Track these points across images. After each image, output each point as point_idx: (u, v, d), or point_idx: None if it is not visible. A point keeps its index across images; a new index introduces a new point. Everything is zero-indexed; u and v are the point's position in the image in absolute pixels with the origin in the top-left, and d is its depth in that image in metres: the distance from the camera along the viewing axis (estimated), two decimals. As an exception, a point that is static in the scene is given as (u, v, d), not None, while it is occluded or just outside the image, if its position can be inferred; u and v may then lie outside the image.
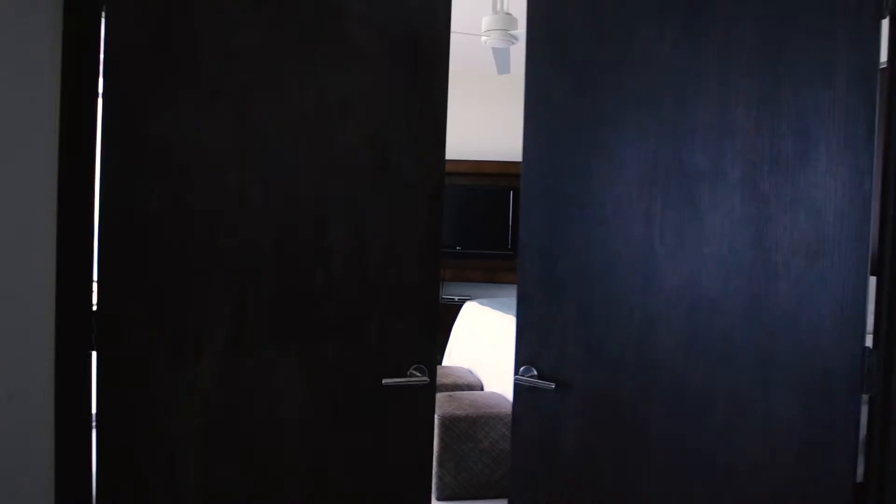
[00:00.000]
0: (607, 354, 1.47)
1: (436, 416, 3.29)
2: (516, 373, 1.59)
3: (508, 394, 3.52)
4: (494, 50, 3.93)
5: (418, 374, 1.51)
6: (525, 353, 1.57)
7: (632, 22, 1.42)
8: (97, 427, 1.45)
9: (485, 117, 6.09)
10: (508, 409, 3.30)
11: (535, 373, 1.55)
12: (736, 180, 1.33)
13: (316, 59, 1.49)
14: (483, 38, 3.71)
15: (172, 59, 1.43)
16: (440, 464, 3.20)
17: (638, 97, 1.41)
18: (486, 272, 5.97)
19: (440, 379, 3.88)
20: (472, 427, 3.23)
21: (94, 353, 1.47)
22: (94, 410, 1.49)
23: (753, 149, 1.33)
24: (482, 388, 3.91)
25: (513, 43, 3.75)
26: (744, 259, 1.33)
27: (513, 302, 4.41)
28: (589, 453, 1.51)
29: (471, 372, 4.16)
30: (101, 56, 1.41)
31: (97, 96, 1.45)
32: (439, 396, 3.49)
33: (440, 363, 5.28)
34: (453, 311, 5.54)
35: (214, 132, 1.49)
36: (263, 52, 1.48)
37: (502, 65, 4.22)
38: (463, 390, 3.85)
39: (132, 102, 1.42)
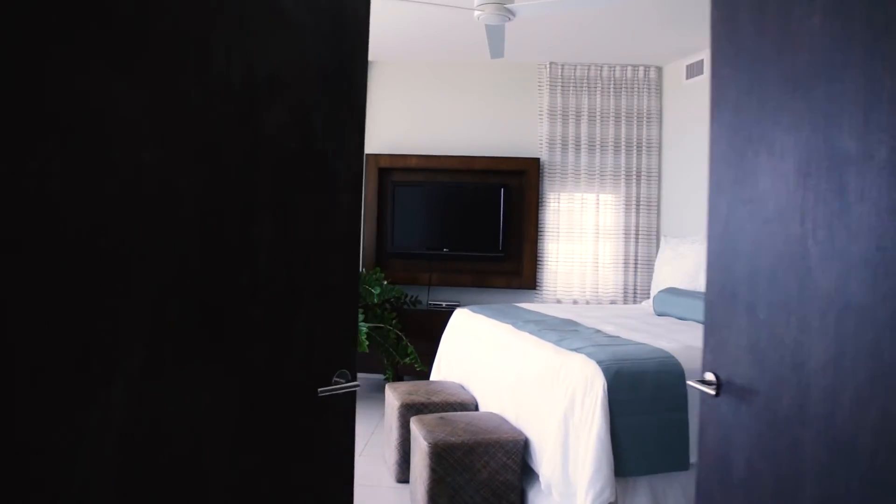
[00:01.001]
0: (770, 366, 1.31)
1: (426, 443, 2.87)
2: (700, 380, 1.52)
3: (507, 414, 3.10)
4: (488, 28, 3.51)
5: (342, 380, 1.42)
6: (707, 360, 1.54)
7: (786, 1, 1.30)
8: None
9: (472, 109, 5.67)
10: (510, 433, 2.88)
11: (714, 381, 1.47)
12: (883, 162, 0.96)
13: (244, 26, 1.26)
14: (476, 14, 3.29)
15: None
16: (431, 499, 2.77)
17: (794, 81, 1.26)
18: (476, 276, 5.55)
19: (429, 397, 3.45)
20: (468, 456, 2.80)
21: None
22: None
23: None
24: (476, 407, 3.48)
25: (508, 19, 3.33)
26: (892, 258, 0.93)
27: (509, 309, 3.99)
28: (754, 474, 1.35)
29: (462, 388, 3.73)
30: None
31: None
32: (429, 419, 3.05)
33: (428, 377, 4.84)
34: (441, 318, 5.11)
35: (129, 99, 1.09)
36: (190, 9, 1.18)
37: (496, 46, 3.80)
38: (455, 410, 3.42)
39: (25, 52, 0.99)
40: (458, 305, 5.31)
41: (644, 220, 5.59)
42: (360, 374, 5.60)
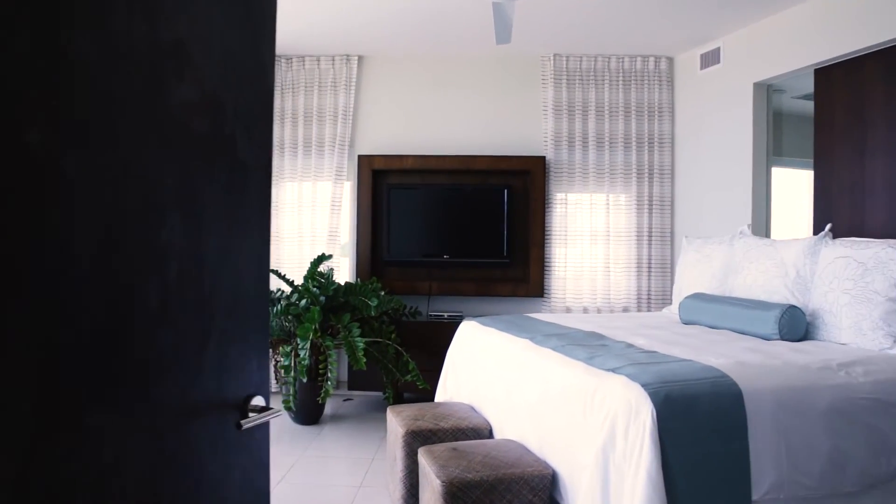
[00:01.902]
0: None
1: (438, 481, 2.47)
2: None
3: (528, 441, 2.71)
4: (495, 7, 3.14)
5: (259, 406, 1.24)
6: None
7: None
8: None
9: (472, 105, 5.30)
10: (535, 466, 2.48)
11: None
12: None
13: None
14: (482, -11, 2.91)
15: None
16: (447, 546, 2.37)
17: None
18: (480, 284, 5.16)
19: (436, 422, 3.05)
20: (488, 495, 2.40)
21: None
22: None
23: None
24: (490, 433, 3.09)
25: (519, -4, 2.96)
26: None
27: (521, 321, 3.60)
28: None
29: (473, 410, 3.34)
30: None
31: None
32: (440, 450, 2.66)
33: (430, 395, 4.44)
34: (443, 331, 4.73)
35: (9, 63, 0.75)
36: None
37: (502, 30, 3.43)
38: (467, 436, 3.03)
39: None
40: (461, 316, 4.93)
41: (657, 221, 5.23)
42: (357, 393, 5.21)
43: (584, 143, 5.22)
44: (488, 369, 3.27)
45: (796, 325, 3.07)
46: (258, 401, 1.24)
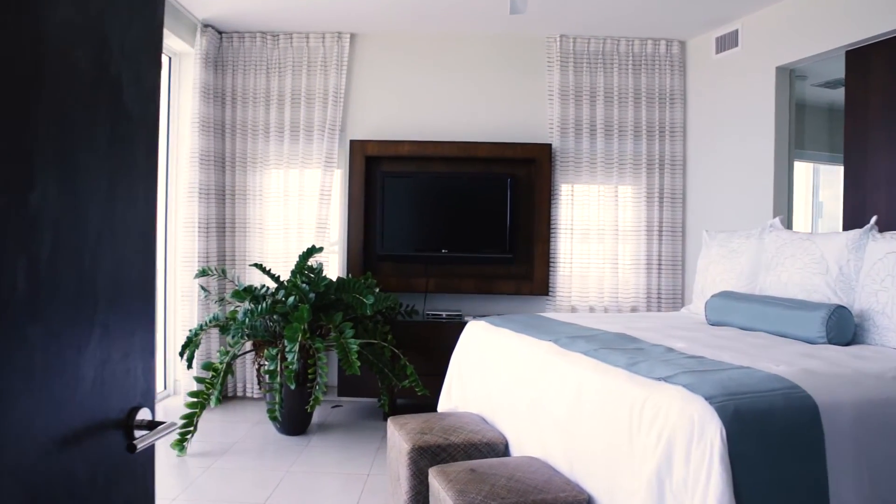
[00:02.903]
0: None
1: (456, 509, 2.13)
2: None
3: (556, 459, 2.37)
4: (513, -32, 2.78)
5: (146, 421, 1.00)
6: None
7: None
8: None
9: (473, 88, 4.94)
10: (568, 490, 2.14)
11: None
12: None
13: None
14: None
15: None
16: (467, 586, 2.02)
17: None
18: (481, 281, 4.80)
19: (446, 436, 2.70)
20: (515, 526, 2.05)
21: None
22: None
23: None
24: (506, 447, 2.74)
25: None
26: None
27: (536, 321, 3.23)
28: None
29: (484, 420, 2.99)
30: None
31: None
32: (455, 471, 2.30)
33: (430, 402, 4.10)
34: (441, 331, 4.38)
35: None
36: None
37: (518, -3, 3.07)
38: (482, 452, 2.67)
39: None
40: (460, 316, 4.57)
41: (668, 215, 4.92)
42: (348, 399, 4.82)
43: (591, 131, 4.89)
44: (502, 375, 2.92)
45: (845, 327, 2.76)
46: (144, 414, 1.03)
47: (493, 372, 3.02)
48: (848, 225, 3.77)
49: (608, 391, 2.16)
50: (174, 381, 4.81)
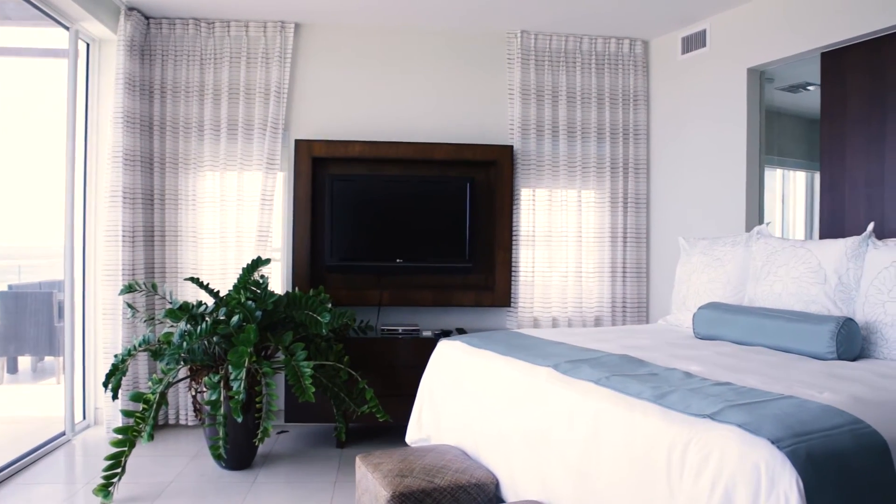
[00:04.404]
0: None
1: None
2: None
3: (561, 503, 2.04)
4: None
5: None
6: None
7: None
8: None
9: (430, 85, 4.60)
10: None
11: None
12: None
13: None
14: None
15: None
16: None
17: None
18: (439, 292, 4.46)
19: (430, 478, 2.33)
20: None
21: None
22: None
23: None
24: (497, 488, 2.40)
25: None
26: None
27: (516, 339, 2.83)
28: None
29: (465, 454, 2.64)
30: None
31: None
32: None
33: (394, 430, 3.75)
34: (396, 348, 4.02)
35: None
36: None
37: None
38: (473, 497, 2.32)
39: None
40: (418, 330, 4.22)
41: (632, 220, 4.72)
42: (297, 425, 4.36)
43: (553, 133, 4.63)
44: (487, 403, 2.58)
45: (854, 341, 2.58)
46: None
47: (476, 399, 2.67)
48: (826, 230, 3.65)
49: (635, 427, 1.85)
50: (94, 410, 4.23)
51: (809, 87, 4.74)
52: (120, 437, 3.06)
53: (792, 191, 5.50)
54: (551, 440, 2.16)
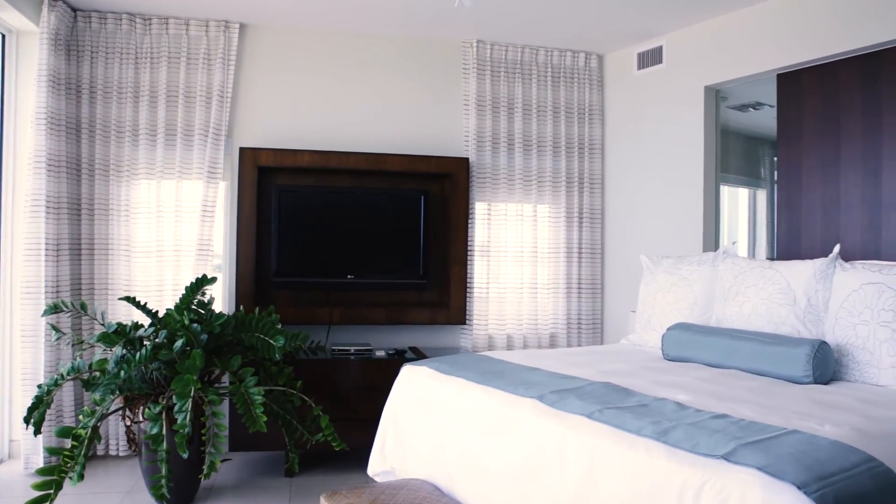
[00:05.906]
0: None
1: None
2: None
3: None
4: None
5: None
6: None
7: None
8: None
9: (383, 93, 4.42)
10: None
11: None
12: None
13: None
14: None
15: None
16: None
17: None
18: (391, 310, 4.27)
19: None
20: None
21: None
22: None
23: None
24: (476, 527, 2.24)
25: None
26: None
27: (485, 364, 2.60)
28: None
29: (438, 490, 2.47)
30: None
31: None
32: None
33: (352, 458, 3.55)
34: (348, 370, 3.82)
35: None
36: None
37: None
38: (452, 540, 2.15)
39: None
40: (370, 350, 4.02)
41: (587, 236, 4.67)
42: (245, 455, 4.05)
43: (509, 146, 4.54)
44: (461, 437, 2.42)
45: (828, 364, 2.56)
46: None
47: (448, 430, 2.51)
48: (783, 250, 3.68)
49: (638, 466, 1.73)
50: (9, 444, 3.81)
51: (760, 107, 4.82)
52: (45, 478, 2.73)
53: (735, 208, 5.60)
54: (540, 476, 2.02)
